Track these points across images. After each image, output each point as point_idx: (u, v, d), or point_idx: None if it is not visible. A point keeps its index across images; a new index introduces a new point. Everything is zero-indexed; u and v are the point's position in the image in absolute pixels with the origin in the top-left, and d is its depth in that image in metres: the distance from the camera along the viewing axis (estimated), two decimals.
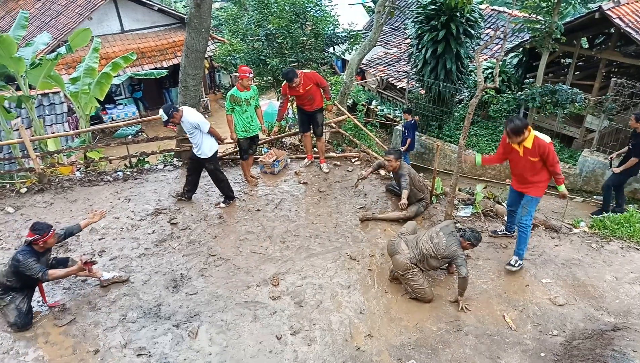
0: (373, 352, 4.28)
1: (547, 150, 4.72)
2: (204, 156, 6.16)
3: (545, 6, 10.29)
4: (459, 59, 11.07)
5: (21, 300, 4.48)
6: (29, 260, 4.32)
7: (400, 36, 18.57)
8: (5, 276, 4.43)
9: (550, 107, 10.37)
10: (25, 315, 4.47)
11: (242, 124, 6.72)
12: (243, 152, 6.98)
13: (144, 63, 16.42)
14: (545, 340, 4.41)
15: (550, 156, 4.76)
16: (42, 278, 4.37)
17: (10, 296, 4.47)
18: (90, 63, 9.54)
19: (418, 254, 4.74)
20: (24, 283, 4.48)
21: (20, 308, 4.45)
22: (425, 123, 12.15)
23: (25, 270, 4.31)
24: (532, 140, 4.75)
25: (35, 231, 4.39)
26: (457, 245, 4.68)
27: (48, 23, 16.62)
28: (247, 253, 5.61)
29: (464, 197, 6.81)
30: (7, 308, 4.46)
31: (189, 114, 5.98)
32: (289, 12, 12.75)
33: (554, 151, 4.77)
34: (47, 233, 4.43)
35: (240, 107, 6.60)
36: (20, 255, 4.35)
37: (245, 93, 6.57)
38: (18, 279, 4.42)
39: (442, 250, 4.67)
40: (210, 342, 4.38)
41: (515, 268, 5.20)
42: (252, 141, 6.94)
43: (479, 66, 5.67)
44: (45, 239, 4.42)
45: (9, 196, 6.96)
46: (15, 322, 4.41)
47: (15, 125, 9.79)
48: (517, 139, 4.77)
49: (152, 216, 6.35)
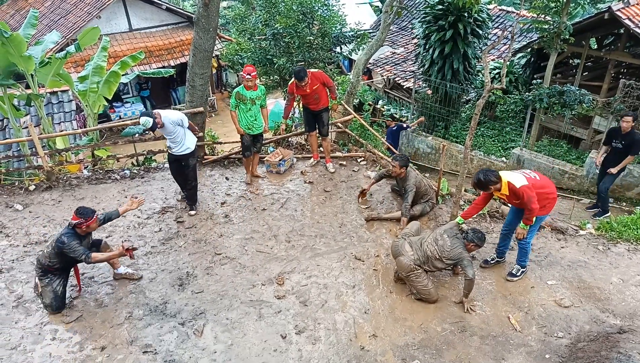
0: (377, 351, 4.29)
1: (522, 194, 4.58)
2: (189, 150, 6.15)
3: (554, 6, 10.22)
4: (467, 59, 11.03)
5: (58, 283, 4.62)
6: (73, 242, 4.44)
7: (408, 36, 18.52)
8: (48, 257, 4.54)
9: (558, 108, 10.31)
10: (60, 298, 4.64)
11: (245, 122, 6.76)
12: (244, 149, 7.04)
13: (152, 62, 16.50)
14: (550, 341, 4.40)
15: (525, 199, 4.60)
16: (86, 260, 4.46)
17: (48, 279, 4.60)
18: (98, 62, 9.60)
19: (422, 256, 4.75)
20: (64, 265, 4.62)
21: (57, 291, 4.60)
22: (431, 123, 12.12)
23: (70, 251, 4.43)
24: (507, 188, 4.67)
25: (80, 215, 4.50)
26: (462, 247, 4.67)
27: (57, 22, 16.75)
28: (252, 252, 5.63)
29: (469, 198, 6.79)
30: (44, 290, 4.60)
31: (167, 114, 5.95)
32: (296, 12, 12.76)
33: (529, 193, 4.58)
34: (90, 217, 4.55)
35: (244, 106, 6.64)
36: (65, 237, 4.46)
37: (251, 92, 6.61)
38: (60, 260, 4.55)
39: (447, 252, 4.67)
40: (215, 340, 4.41)
41: (517, 278, 5.16)
42: (254, 139, 6.98)
43: (486, 66, 5.66)
44: (88, 223, 4.54)
45: (17, 193, 7.03)
46: (51, 303, 4.58)
47: (24, 123, 9.88)
48: (488, 191, 4.77)
49: (158, 215, 6.40)
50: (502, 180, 4.68)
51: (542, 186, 4.77)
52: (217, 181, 7.34)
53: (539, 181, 4.78)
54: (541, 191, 4.72)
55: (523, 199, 4.60)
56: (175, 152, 6.11)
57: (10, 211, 6.54)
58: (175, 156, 6.18)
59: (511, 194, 4.70)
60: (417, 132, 12.00)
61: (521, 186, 4.59)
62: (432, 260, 4.73)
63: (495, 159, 10.88)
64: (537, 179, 4.78)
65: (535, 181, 4.74)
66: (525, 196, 4.57)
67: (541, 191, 4.72)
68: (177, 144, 6.06)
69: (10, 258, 5.53)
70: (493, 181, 4.65)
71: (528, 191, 4.58)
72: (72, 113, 11.50)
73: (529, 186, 4.61)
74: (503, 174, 4.73)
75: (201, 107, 7.58)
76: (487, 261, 5.46)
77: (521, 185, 4.59)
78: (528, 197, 4.58)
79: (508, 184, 4.65)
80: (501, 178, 4.68)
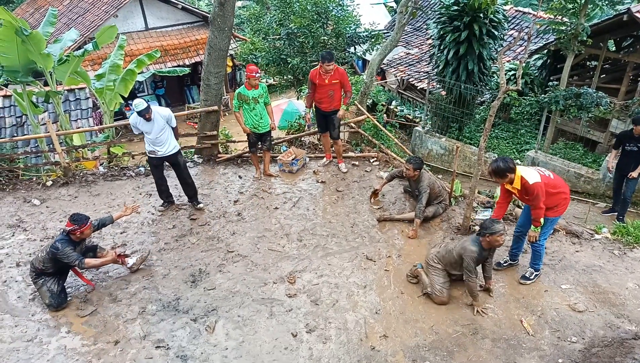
0: (388, 352, 4.28)
1: (533, 191, 4.49)
2: (177, 148, 6.18)
3: (571, 7, 10.10)
4: (482, 61, 10.95)
5: (52, 282, 4.71)
6: (67, 249, 4.57)
7: (422, 37, 18.44)
8: (42, 262, 4.66)
9: (575, 110, 10.18)
10: (57, 295, 4.70)
11: (251, 121, 6.80)
12: (250, 145, 7.12)
13: (167, 60, 16.67)
14: (564, 346, 4.35)
15: (534, 196, 4.51)
16: (80, 265, 4.62)
17: (42, 280, 4.71)
18: (115, 60, 9.73)
19: (443, 252, 4.85)
20: (58, 269, 4.73)
21: (52, 289, 4.69)
22: (445, 125, 12.05)
23: (63, 257, 4.55)
24: (519, 181, 4.59)
25: (74, 222, 4.63)
26: (472, 243, 4.54)
27: (75, 20, 17.01)
28: (264, 251, 5.66)
29: (483, 200, 6.74)
30: (40, 291, 4.72)
31: (158, 109, 5.98)
32: (311, 12, 12.80)
33: (539, 191, 4.49)
34: (84, 224, 4.67)
35: (248, 105, 6.68)
36: (59, 243, 4.58)
37: (252, 91, 6.63)
38: (53, 265, 4.66)
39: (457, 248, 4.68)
40: (226, 337, 4.44)
41: (530, 281, 5.09)
42: (261, 136, 7.02)
43: (501, 68, 5.60)
44: (82, 230, 4.66)
45: (35, 188, 7.16)
46: (50, 302, 4.67)
47: (42, 119, 10.07)
48: (504, 179, 4.65)
49: (172, 212, 6.46)
50: (516, 173, 4.60)
51: (555, 186, 4.68)
52: (230, 179, 7.39)
53: (552, 180, 4.69)
54: (553, 190, 4.64)
55: (532, 196, 4.53)
56: (162, 154, 6.04)
57: (28, 206, 6.67)
58: (161, 159, 6.11)
59: (522, 190, 4.61)
60: (431, 133, 11.95)
61: (534, 183, 4.49)
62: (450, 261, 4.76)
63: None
64: (551, 178, 4.69)
65: (549, 179, 4.65)
66: (534, 194, 4.49)
67: (553, 191, 4.64)
68: (163, 145, 6.01)
69: (28, 251, 5.64)
70: (511, 168, 4.57)
71: (539, 188, 4.49)
72: (88, 110, 11.67)
73: (541, 183, 4.51)
74: (517, 167, 4.65)
75: (215, 106, 7.64)
76: (499, 263, 5.40)
77: (534, 181, 4.49)
78: (537, 195, 4.49)
79: (521, 179, 4.56)
80: (516, 170, 4.60)
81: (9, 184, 7.28)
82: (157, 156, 6.07)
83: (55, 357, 4.22)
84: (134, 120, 5.90)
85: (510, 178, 4.61)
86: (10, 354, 4.24)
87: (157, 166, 6.23)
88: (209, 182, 7.31)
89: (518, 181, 4.59)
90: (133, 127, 6.01)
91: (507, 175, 4.59)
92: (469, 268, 4.52)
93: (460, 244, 4.69)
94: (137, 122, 5.90)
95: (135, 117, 5.87)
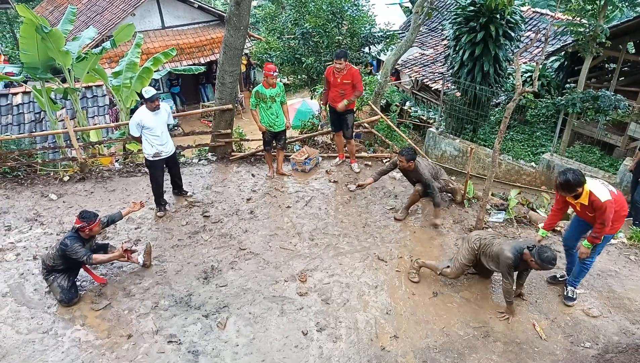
0: (398, 352, 4.28)
1: (605, 210, 4.13)
2: (174, 147, 6.22)
3: (590, 9, 9.96)
4: (497, 62, 10.85)
5: (62, 278, 4.78)
6: (75, 245, 4.63)
7: (437, 37, 18.33)
8: (52, 259, 4.74)
9: (592, 113, 10.03)
10: (68, 290, 4.76)
11: (267, 120, 6.84)
12: (265, 143, 7.18)
13: (183, 59, 16.83)
14: (577, 351, 4.30)
15: (605, 215, 4.16)
16: (87, 261, 4.68)
17: (52, 277, 4.78)
18: (132, 58, 9.85)
19: (490, 237, 4.72)
20: (67, 266, 4.79)
21: (62, 285, 4.75)
22: (459, 126, 11.96)
23: (72, 254, 4.61)
24: (587, 197, 4.21)
25: (83, 219, 4.70)
26: (512, 250, 4.35)
27: (94, 18, 17.26)
28: (276, 249, 5.69)
29: (496, 202, 6.69)
30: (52, 287, 4.80)
31: (164, 104, 5.96)
32: (326, 11, 12.82)
33: (610, 210, 4.14)
34: (93, 221, 4.74)
35: (265, 104, 6.73)
36: (68, 240, 4.66)
37: (270, 90, 6.67)
38: (63, 262, 4.73)
39: (499, 245, 4.52)
40: (237, 334, 4.48)
41: (574, 301, 4.80)
42: (276, 135, 7.05)
43: (517, 69, 5.55)
44: (91, 227, 4.72)
45: (52, 183, 7.29)
46: (61, 298, 4.74)
47: (60, 116, 10.24)
48: (572, 194, 4.26)
49: (185, 209, 6.52)
50: (584, 187, 4.23)
51: (621, 205, 4.36)
52: (243, 177, 7.44)
53: (619, 197, 4.36)
54: (617, 208, 4.30)
55: (602, 216, 4.18)
56: (167, 153, 6.04)
57: (45, 201, 6.79)
58: (164, 160, 6.08)
59: (588, 206, 4.24)
60: (445, 135, 11.88)
61: (606, 201, 4.13)
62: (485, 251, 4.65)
63: (524, 164, 10.68)
64: (616, 195, 4.33)
65: (616, 197, 4.30)
66: (606, 213, 4.14)
67: (617, 209, 4.30)
68: (167, 143, 6.02)
69: (45, 245, 5.74)
70: (582, 182, 4.18)
71: (611, 207, 4.14)
72: (105, 107, 11.83)
73: (612, 202, 4.16)
74: (586, 180, 4.27)
75: (230, 105, 7.69)
76: (555, 277, 5.11)
77: (606, 199, 4.14)
78: (608, 215, 4.14)
79: (590, 195, 4.19)
80: (584, 187, 4.22)
81: (27, 179, 7.43)
82: (162, 157, 6.02)
83: (70, 349, 4.30)
84: (138, 117, 5.76)
85: (578, 192, 4.25)
86: (27, 345, 4.33)
87: (162, 170, 6.15)
88: (223, 180, 7.37)
89: (586, 196, 4.22)
90: (136, 127, 5.80)
91: (577, 190, 4.22)
92: (503, 272, 4.43)
93: (504, 244, 4.50)
94: (143, 118, 5.75)
95: (140, 114, 5.74)
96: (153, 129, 5.85)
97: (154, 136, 5.88)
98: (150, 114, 5.81)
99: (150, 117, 5.83)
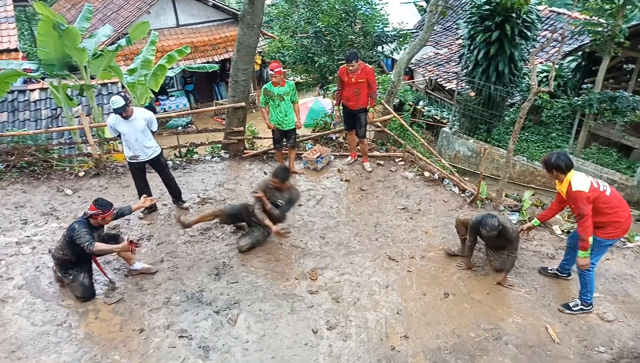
0: (408, 353, 4.26)
1: (574, 199, 4.15)
2: (158, 150, 6.01)
3: (608, 8, 9.79)
4: (513, 62, 10.73)
5: (83, 276, 4.76)
6: (82, 230, 4.51)
7: (452, 36, 18.18)
8: (60, 249, 4.66)
9: (609, 114, 9.87)
10: (89, 288, 4.79)
11: (276, 118, 6.86)
12: (275, 141, 7.20)
13: (197, 57, 16.94)
14: (591, 355, 4.24)
15: (576, 205, 4.15)
16: (88, 248, 4.46)
17: (71, 276, 4.74)
18: (147, 55, 9.94)
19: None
20: (77, 257, 4.67)
21: (84, 283, 4.75)
22: (473, 126, 11.86)
23: (77, 238, 4.46)
24: (566, 184, 4.24)
25: (99, 206, 4.62)
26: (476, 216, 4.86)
27: (110, 16, 17.47)
28: (287, 246, 5.70)
29: (510, 203, 6.62)
30: (71, 285, 4.78)
31: (140, 110, 5.79)
32: (339, 10, 12.80)
33: (580, 202, 4.09)
34: (108, 210, 4.67)
35: (273, 102, 6.73)
36: (76, 224, 4.59)
37: (278, 88, 6.66)
38: (71, 251, 4.60)
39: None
40: (248, 330, 4.49)
41: (569, 312, 4.66)
42: (285, 133, 7.05)
43: (533, 69, 5.49)
44: (104, 216, 4.66)
45: (68, 178, 7.39)
46: (83, 295, 4.76)
47: (76, 112, 10.37)
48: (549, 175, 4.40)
49: (198, 205, 6.57)
50: (567, 174, 4.24)
51: (607, 202, 4.20)
52: (255, 175, 7.47)
53: (607, 196, 4.22)
54: (604, 205, 4.18)
55: (575, 208, 4.18)
56: (144, 158, 5.88)
57: (60, 195, 6.88)
58: (144, 163, 5.94)
59: (567, 194, 4.27)
60: (458, 135, 11.79)
61: (576, 190, 4.08)
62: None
63: (538, 165, 10.54)
64: (605, 194, 4.21)
65: (601, 194, 4.18)
66: (577, 203, 4.11)
67: (604, 206, 4.18)
68: (144, 148, 5.81)
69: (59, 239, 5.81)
70: (560, 166, 4.19)
71: (581, 199, 4.06)
72: None
73: (587, 195, 4.07)
74: (574, 171, 4.26)
75: (243, 102, 7.73)
76: (545, 268, 5.18)
77: (577, 189, 4.09)
78: (578, 207, 4.10)
79: (569, 183, 4.19)
80: (568, 172, 4.22)
81: (43, 174, 7.54)
82: (139, 160, 5.89)
83: (84, 341, 4.35)
84: (112, 121, 5.65)
85: (557, 176, 4.28)
86: (41, 337, 4.40)
87: (140, 171, 6.03)
88: (235, 177, 7.40)
89: (565, 184, 4.24)
90: (110, 129, 5.77)
91: (553, 171, 4.25)
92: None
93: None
94: (116, 123, 5.63)
95: (113, 117, 5.64)
96: (126, 135, 5.70)
97: (127, 139, 5.76)
98: (123, 121, 5.62)
99: (122, 124, 5.64)
